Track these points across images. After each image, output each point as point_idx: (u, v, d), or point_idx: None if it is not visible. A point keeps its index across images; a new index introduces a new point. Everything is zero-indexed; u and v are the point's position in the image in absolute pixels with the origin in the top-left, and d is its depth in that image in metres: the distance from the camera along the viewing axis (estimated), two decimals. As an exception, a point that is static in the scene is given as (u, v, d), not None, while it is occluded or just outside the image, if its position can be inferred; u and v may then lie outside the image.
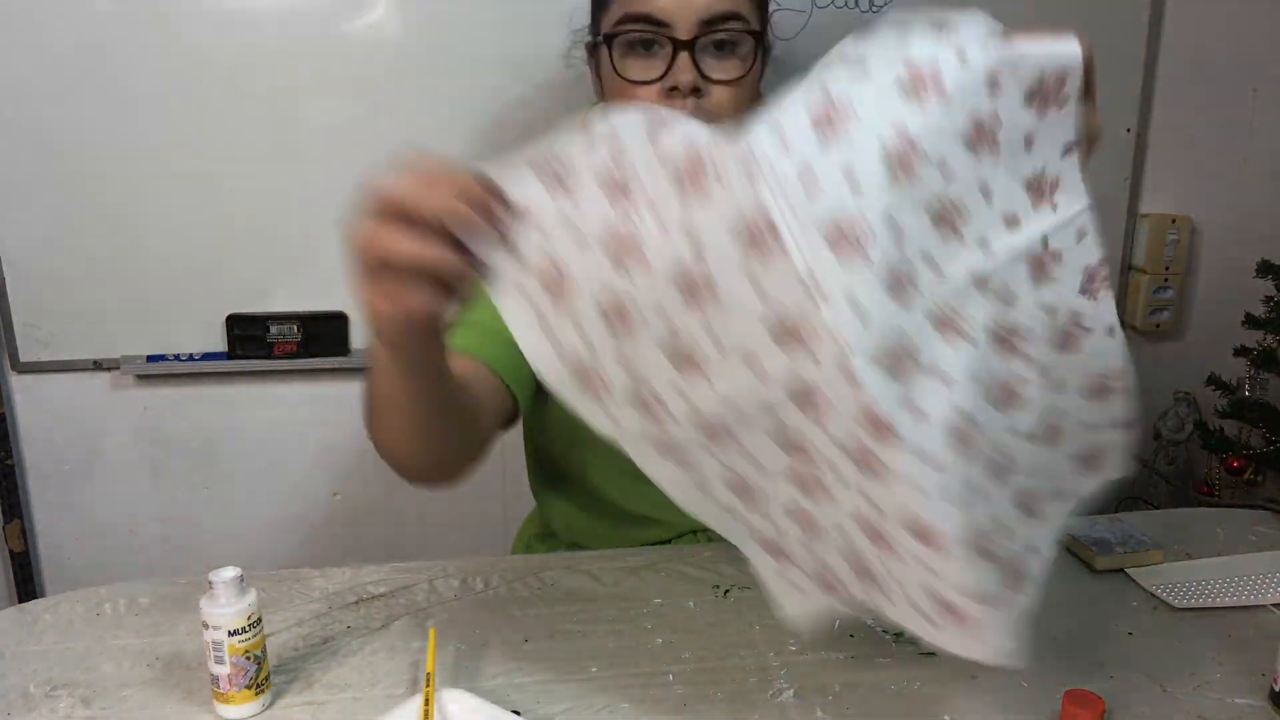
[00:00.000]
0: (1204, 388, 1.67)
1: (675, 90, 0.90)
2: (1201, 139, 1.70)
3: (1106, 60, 1.66)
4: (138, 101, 1.40)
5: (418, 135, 1.46)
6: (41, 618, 0.93)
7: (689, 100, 0.90)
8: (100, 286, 1.46)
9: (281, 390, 1.57)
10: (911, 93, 0.49)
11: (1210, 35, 1.65)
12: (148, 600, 0.96)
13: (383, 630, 0.90)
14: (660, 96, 0.90)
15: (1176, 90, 1.66)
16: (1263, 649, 0.88)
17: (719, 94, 0.92)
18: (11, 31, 1.35)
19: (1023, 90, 0.55)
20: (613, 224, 0.51)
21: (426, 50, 1.44)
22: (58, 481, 1.57)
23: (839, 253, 0.45)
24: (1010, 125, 0.54)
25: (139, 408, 1.55)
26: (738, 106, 0.93)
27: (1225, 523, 1.16)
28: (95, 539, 1.60)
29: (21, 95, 1.38)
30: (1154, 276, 1.71)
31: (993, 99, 0.52)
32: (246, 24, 1.39)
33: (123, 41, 1.37)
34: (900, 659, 0.88)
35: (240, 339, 1.50)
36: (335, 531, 1.63)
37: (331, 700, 0.80)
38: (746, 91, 0.94)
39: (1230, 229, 1.76)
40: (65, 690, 0.81)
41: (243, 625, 0.76)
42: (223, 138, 1.43)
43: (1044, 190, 0.56)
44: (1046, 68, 0.56)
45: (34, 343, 1.48)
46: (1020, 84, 0.55)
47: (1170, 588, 0.99)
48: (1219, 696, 0.82)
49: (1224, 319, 1.77)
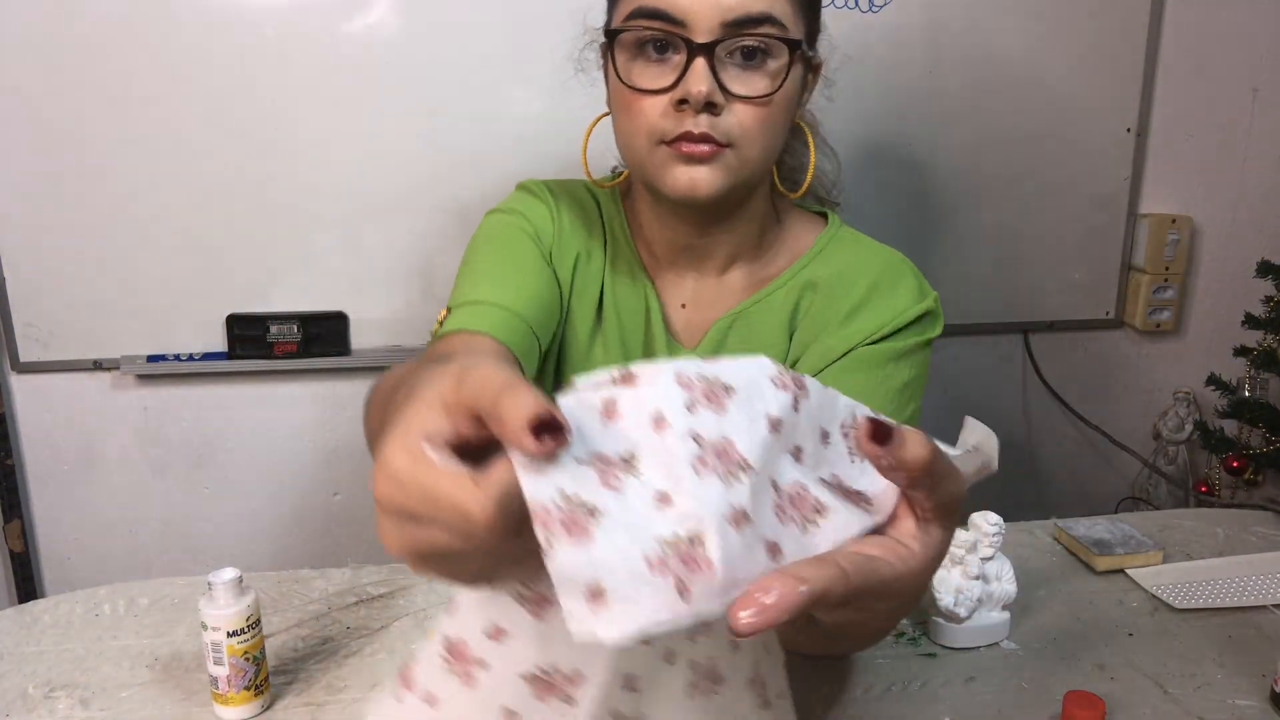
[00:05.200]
0: (1204, 388, 1.67)
1: (685, 104, 0.76)
2: (1201, 139, 1.70)
3: (1107, 60, 1.67)
4: (138, 101, 1.40)
5: (418, 135, 1.46)
6: (40, 618, 0.93)
7: (701, 117, 0.76)
8: (100, 286, 1.46)
9: (281, 390, 1.57)
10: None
11: (1210, 35, 1.65)
12: (147, 601, 0.96)
13: (382, 631, 0.90)
14: (670, 109, 0.77)
15: (1176, 90, 1.66)
16: (1263, 650, 0.88)
17: (740, 113, 0.78)
18: (12, 31, 1.35)
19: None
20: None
21: (426, 50, 1.44)
22: (58, 481, 1.57)
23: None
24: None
25: (139, 408, 1.55)
26: (762, 131, 0.79)
27: (1225, 523, 1.16)
28: (95, 539, 1.60)
29: (21, 95, 1.38)
30: (1154, 276, 1.71)
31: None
32: (246, 24, 1.39)
33: (123, 41, 1.37)
34: (900, 659, 0.88)
35: (240, 339, 1.50)
36: (335, 532, 1.63)
37: (331, 701, 0.80)
38: (776, 115, 0.79)
39: (1230, 229, 1.76)
40: (64, 691, 0.81)
41: (242, 626, 0.76)
42: (223, 137, 1.43)
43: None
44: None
45: (34, 343, 1.48)
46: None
47: (1170, 588, 0.99)
48: (1219, 698, 0.82)
49: (1224, 319, 1.77)
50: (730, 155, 0.79)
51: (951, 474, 0.41)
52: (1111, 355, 1.80)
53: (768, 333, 0.89)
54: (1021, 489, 1.84)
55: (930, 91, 1.57)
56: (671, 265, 0.91)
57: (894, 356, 0.85)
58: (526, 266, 0.88)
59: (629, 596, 0.35)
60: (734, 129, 0.78)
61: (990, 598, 0.90)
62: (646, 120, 0.78)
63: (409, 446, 0.37)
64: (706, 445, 0.39)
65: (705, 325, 0.91)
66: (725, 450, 0.39)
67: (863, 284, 0.87)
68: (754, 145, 0.79)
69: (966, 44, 1.56)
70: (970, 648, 0.90)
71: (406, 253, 1.51)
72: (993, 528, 0.90)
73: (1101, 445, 1.82)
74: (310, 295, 1.51)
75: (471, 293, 0.84)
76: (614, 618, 0.35)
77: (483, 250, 0.90)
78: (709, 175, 0.78)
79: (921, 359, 0.87)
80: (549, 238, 0.91)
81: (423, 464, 0.36)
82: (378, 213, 1.49)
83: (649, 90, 0.78)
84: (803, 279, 0.89)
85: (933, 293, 0.88)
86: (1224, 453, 1.66)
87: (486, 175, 1.48)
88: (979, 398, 1.76)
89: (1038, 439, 1.82)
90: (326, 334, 1.52)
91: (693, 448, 0.38)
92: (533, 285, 0.87)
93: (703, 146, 0.77)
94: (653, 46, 0.78)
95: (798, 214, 0.95)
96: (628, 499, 0.37)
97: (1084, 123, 1.64)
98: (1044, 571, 1.04)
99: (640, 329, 0.91)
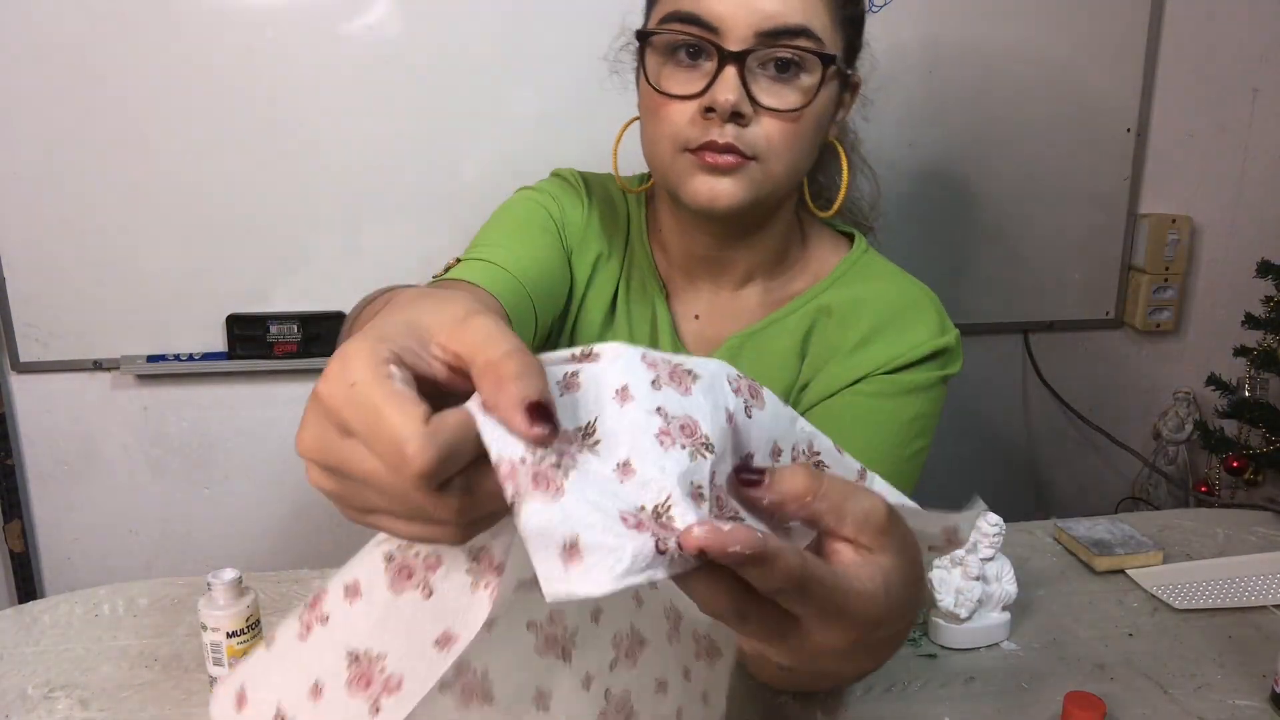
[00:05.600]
0: (1204, 388, 1.67)
1: (712, 112, 0.74)
2: (1201, 139, 1.70)
3: (1106, 59, 1.66)
4: (137, 101, 1.40)
5: (417, 135, 1.46)
6: (40, 619, 0.93)
7: (728, 127, 0.74)
8: (100, 286, 1.46)
9: (281, 390, 1.57)
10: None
11: (1210, 35, 1.65)
12: (146, 601, 0.96)
13: (382, 631, 0.90)
14: (697, 116, 0.75)
15: (1176, 90, 1.66)
16: (1263, 650, 0.88)
17: (767, 126, 0.75)
18: (12, 31, 1.35)
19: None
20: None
21: (426, 50, 1.44)
22: (58, 481, 1.57)
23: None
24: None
25: (139, 408, 1.55)
26: (789, 146, 0.76)
27: (1225, 523, 1.16)
28: (95, 539, 1.60)
29: (22, 95, 1.38)
30: (1154, 276, 1.71)
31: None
32: (246, 24, 1.39)
33: (123, 41, 1.37)
34: (900, 659, 0.88)
35: (240, 339, 1.50)
36: (335, 532, 1.63)
37: (331, 701, 0.80)
38: (805, 130, 0.77)
39: (1230, 229, 1.76)
40: (63, 692, 0.81)
41: (241, 627, 0.76)
42: (223, 138, 1.43)
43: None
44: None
45: (34, 343, 1.48)
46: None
47: (1171, 589, 0.99)
48: (1219, 698, 0.82)
49: (1224, 319, 1.77)
50: (754, 168, 0.76)
51: (855, 492, 0.39)
52: (1111, 355, 1.80)
53: (779, 355, 0.87)
54: (1021, 489, 1.84)
55: (930, 91, 1.57)
56: (687, 275, 0.90)
57: (907, 389, 0.82)
58: (539, 242, 0.86)
59: (608, 545, 0.33)
60: (760, 142, 0.76)
61: (990, 598, 0.90)
62: (672, 126, 0.77)
63: (374, 356, 0.34)
64: (672, 420, 0.38)
65: (717, 339, 0.89)
66: (689, 427, 0.38)
67: (878, 313, 0.85)
68: (780, 160, 0.77)
69: (966, 44, 1.56)
70: (970, 648, 0.90)
71: (406, 253, 1.51)
72: (993, 528, 0.90)
73: (1101, 445, 1.82)
74: (310, 295, 1.51)
75: (482, 251, 0.83)
76: (589, 570, 0.33)
77: (504, 218, 0.89)
78: (731, 187, 0.76)
79: (935, 396, 0.84)
80: (577, 230, 0.90)
81: (380, 381, 0.34)
82: (378, 213, 1.49)
83: (676, 95, 0.76)
84: (819, 303, 0.87)
85: (954, 330, 0.85)
86: (1224, 453, 1.66)
87: (487, 175, 1.48)
88: (979, 398, 1.76)
89: (1038, 439, 1.82)
90: (326, 334, 1.52)
91: (657, 420, 0.38)
92: (542, 261, 0.85)
93: (726, 157, 0.75)
94: (685, 51, 0.76)
95: (824, 234, 0.93)
96: (589, 467, 0.36)
97: (1084, 123, 1.64)
98: (1044, 572, 1.04)
99: (648, 337, 0.91)
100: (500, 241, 0.84)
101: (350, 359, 0.35)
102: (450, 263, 0.83)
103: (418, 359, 0.36)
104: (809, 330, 0.87)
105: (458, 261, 0.82)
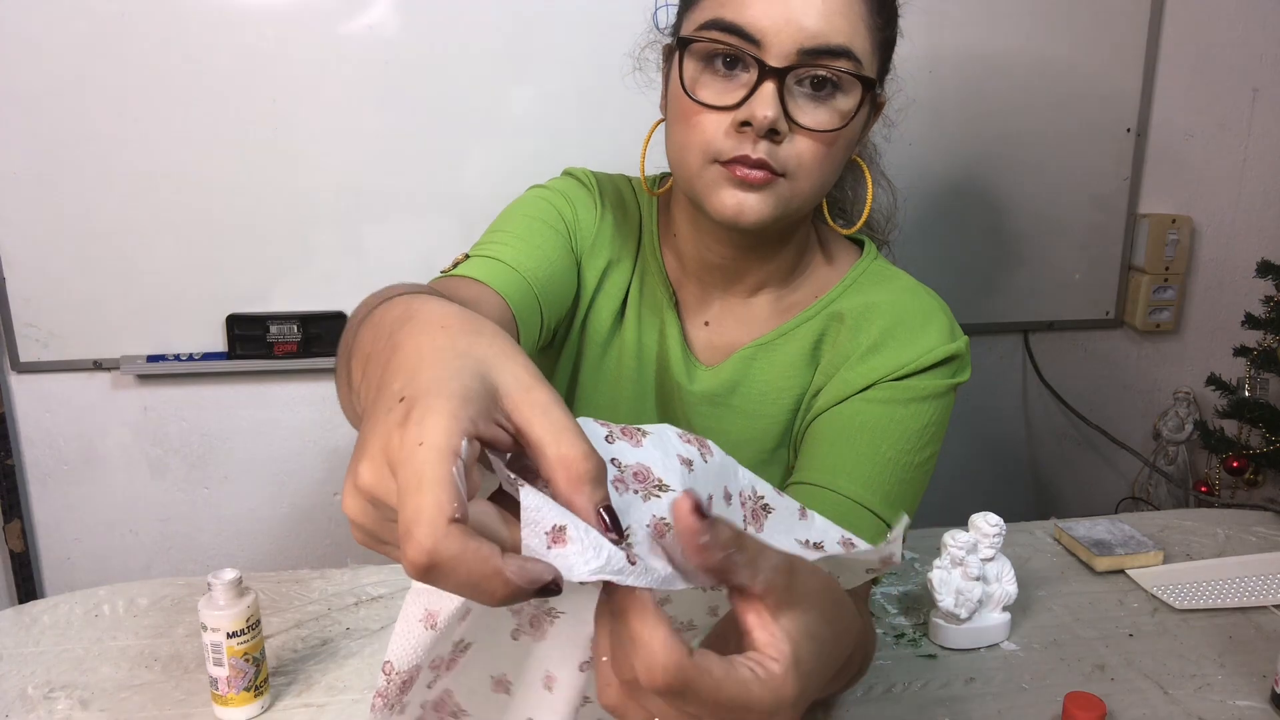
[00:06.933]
0: (1204, 388, 1.67)
1: (748, 126, 0.73)
2: (1201, 139, 1.70)
3: (1106, 59, 1.66)
4: (137, 102, 1.40)
5: (417, 135, 1.46)
6: (40, 619, 0.93)
7: (761, 143, 0.73)
8: (100, 286, 1.46)
9: (281, 390, 1.57)
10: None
11: (1210, 35, 1.65)
12: (146, 601, 0.96)
13: (382, 632, 0.90)
14: (731, 129, 0.74)
15: (1176, 90, 1.66)
16: (1264, 650, 0.88)
17: (800, 145, 0.74)
18: (12, 31, 1.35)
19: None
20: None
21: (427, 50, 1.44)
22: (58, 481, 1.57)
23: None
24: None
25: (139, 408, 1.55)
26: (820, 166, 0.76)
27: (1225, 523, 1.16)
28: (95, 539, 1.60)
29: (22, 95, 1.38)
30: (1154, 276, 1.71)
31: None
32: (246, 24, 1.39)
33: (123, 41, 1.37)
34: (900, 659, 0.88)
35: (240, 339, 1.50)
36: (335, 532, 1.63)
37: (331, 702, 0.80)
38: (836, 151, 0.77)
39: (1230, 229, 1.76)
40: (63, 692, 0.81)
41: (241, 627, 0.76)
42: (222, 138, 1.43)
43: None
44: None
45: (34, 343, 1.48)
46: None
47: (1171, 589, 0.99)
48: (1220, 698, 0.82)
49: (1224, 319, 1.77)
50: (784, 185, 0.76)
51: (764, 550, 0.40)
52: (1111, 355, 1.80)
53: (791, 363, 0.87)
54: (1021, 489, 1.84)
55: (931, 92, 1.57)
56: (699, 281, 0.89)
57: (918, 396, 0.82)
58: (548, 242, 0.86)
59: (589, 541, 0.36)
60: (791, 160, 0.75)
61: (990, 599, 0.90)
62: (704, 135, 0.75)
63: (454, 424, 0.35)
64: (625, 469, 0.42)
65: (727, 348, 0.89)
66: (642, 474, 0.43)
67: (889, 319, 0.84)
68: (809, 179, 0.77)
69: (966, 44, 1.56)
70: (970, 649, 0.90)
71: (406, 253, 1.51)
72: (993, 528, 0.90)
73: (1101, 445, 1.82)
74: (310, 295, 1.51)
75: (490, 249, 0.82)
76: (568, 556, 0.36)
77: (514, 215, 0.88)
78: (758, 203, 0.75)
79: (945, 404, 0.84)
80: (589, 232, 0.90)
81: (443, 459, 0.35)
82: (378, 213, 1.49)
83: (712, 105, 0.74)
84: (831, 310, 0.87)
85: (964, 337, 0.85)
86: (1224, 453, 1.66)
87: (486, 175, 1.48)
88: (979, 397, 1.76)
89: (1038, 439, 1.82)
90: (326, 334, 1.52)
91: (611, 470, 0.41)
92: (551, 260, 0.85)
93: (757, 173, 0.74)
94: (722, 61, 0.74)
95: (836, 242, 0.92)
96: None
97: (1084, 123, 1.64)
98: (1044, 572, 1.04)
99: (656, 342, 0.90)
100: (509, 239, 0.84)
101: (430, 416, 0.36)
102: (458, 258, 0.82)
103: (489, 427, 0.37)
104: (821, 336, 0.87)
105: (465, 257, 0.82)
